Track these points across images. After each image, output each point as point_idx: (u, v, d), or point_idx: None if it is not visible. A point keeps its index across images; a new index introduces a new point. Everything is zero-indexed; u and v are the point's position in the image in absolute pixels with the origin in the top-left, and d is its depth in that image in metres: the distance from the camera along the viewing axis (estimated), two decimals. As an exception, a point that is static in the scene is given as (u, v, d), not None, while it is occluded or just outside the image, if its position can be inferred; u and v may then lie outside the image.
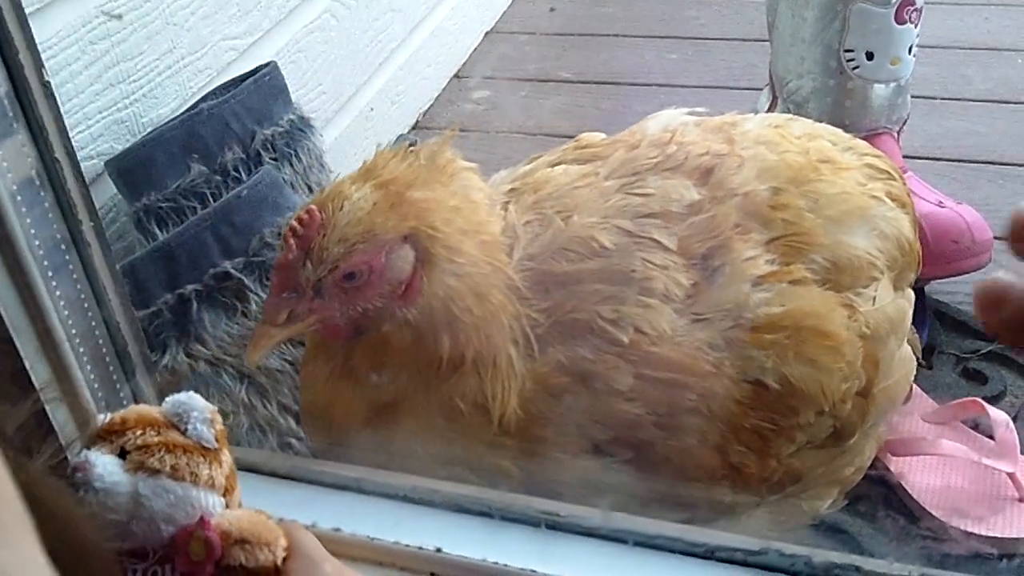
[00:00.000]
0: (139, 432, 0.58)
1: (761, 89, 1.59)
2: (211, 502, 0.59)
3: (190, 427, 0.59)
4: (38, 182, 0.59)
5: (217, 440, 0.60)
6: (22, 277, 0.58)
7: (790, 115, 1.09)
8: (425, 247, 0.75)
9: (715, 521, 0.83)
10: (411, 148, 0.81)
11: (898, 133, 1.43)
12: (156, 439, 0.58)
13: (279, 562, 0.58)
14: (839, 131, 1.03)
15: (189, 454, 0.58)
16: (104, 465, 0.57)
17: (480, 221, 0.80)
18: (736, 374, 0.80)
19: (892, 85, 1.39)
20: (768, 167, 0.90)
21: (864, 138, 1.36)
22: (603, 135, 0.96)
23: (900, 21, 1.34)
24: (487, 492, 0.69)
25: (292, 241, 0.72)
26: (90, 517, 0.56)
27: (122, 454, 0.58)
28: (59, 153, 0.59)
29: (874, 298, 0.90)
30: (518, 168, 0.95)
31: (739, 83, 1.91)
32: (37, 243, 0.59)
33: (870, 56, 1.36)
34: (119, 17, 1.19)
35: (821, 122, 1.22)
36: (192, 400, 0.61)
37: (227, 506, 0.60)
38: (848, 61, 1.37)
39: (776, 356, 0.81)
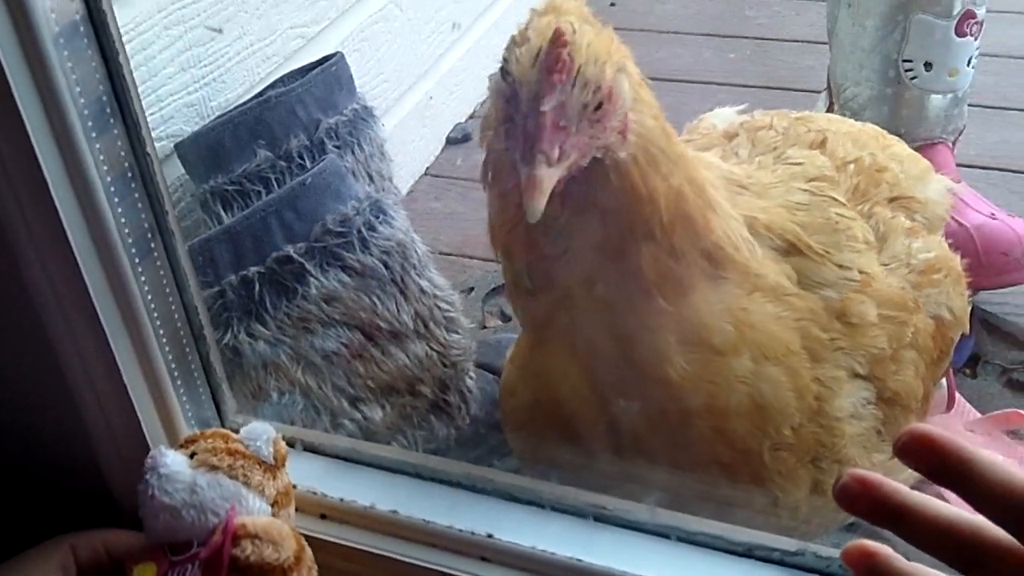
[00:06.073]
0: (211, 441, 0.68)
1: (818, 92, 1.59)
2: (256, 505, 0.67)
3: (252, 444, 0.68)
4: (130, 175, 0.62)
5: (276, 459, 0.69)
6: (112, 264, 0.62)
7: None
8: (630, 82, 0.72)
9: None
10: None
11: (953, 143, 1.44)
12: (223, 446, 0.68)
13: (285, 563, 0.65)
14: None
15: (247, 460, 0.67)
16: (172, 457, 0.66)
17: None
18: (924, 311, 0.89)
19: (949, 96, 1.39)
20: (855, 137, 0.98)
21: (919, 147, 1.37)
22: None
23: (960, 34, 1.34)
24: (539, 483, 0.72)
25: (564, 60, 0.65)
26: None
27: (192, 456, 0.67)
28: (149, 148, 0.63)
29: None
30: None
31: (796, 85, 1.91)
32: (127, 231, 0.63)
33: (928, 67, 1.37)
34: (219, 31, 1.24)
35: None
36: (261, 427, 0.71)
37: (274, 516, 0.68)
38: (906, 71, 1.38)
39: (943, 292, 0.92)
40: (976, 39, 1.37)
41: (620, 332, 0.76)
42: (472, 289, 1.51)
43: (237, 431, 0.71)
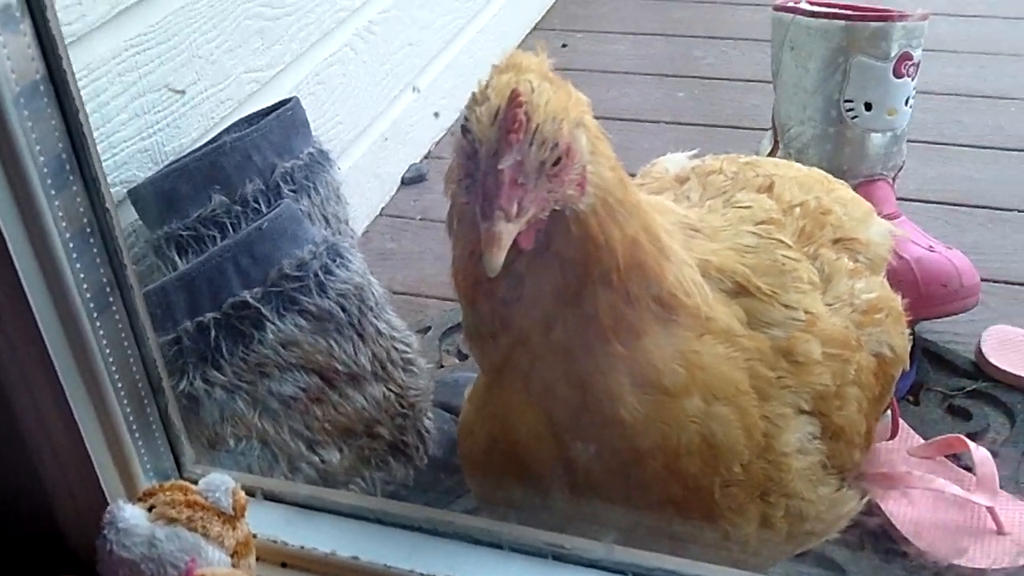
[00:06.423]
0: (169, 494, 0.69)
1: (764, 131, 1.64)
2: (215, 556, 0.67)
3: (211, 495, 0.69)
4: (88, 230, 0.63)
5: (235, 510, 0.69)
6: (70, 318, 0.63)
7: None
8: (588, 136, 0.74)
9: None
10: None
11: (893, 179, 1.48)
12: (182, 498, 0.68)
13: None
14: None
15: (206, 512, 0.68)
16: (130, 511, 0.67)
17: None
18: (866, 349, 0.93)
19: (889, 134, 1.44)
20: (801, 181, 1.02)
21: (860, 184, 1.42)
22: None
23: (898, 75, 1.39)
24: (497, 524, 0.73)
25: (520, 121, 0.67)
26: None
27: (151, 510, 0.68)
28: (108, 203, 0.63)
29: None
30: None
31: (743, 123, 1.96)
32: (85, 287, 0.63)
33: (868, 107, 1.42)
34: (182, 92, 1.24)
35: (820, 168, 1.28)
36: (220, 477, 0.71)
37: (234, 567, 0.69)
38: (847, 111, 1.42)
39: (884, 331, 0.95)
40: (913, 79, 1.43)
41: (575, 375, 0.78)
42: (429, 328, 1.52)
43: (196, 481, 0.71)
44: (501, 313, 0.78)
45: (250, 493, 0.75)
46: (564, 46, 2.28)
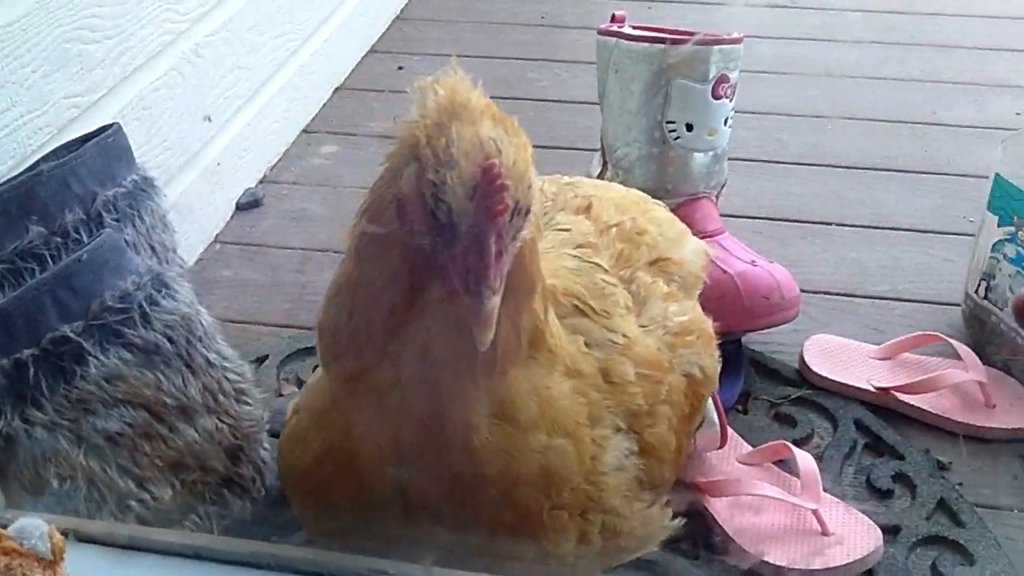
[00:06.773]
0: None
1: (595, 151, 1.69)
2: None
3: (27, 541, 0.67)
4: None
5: (54, 554, 0.67)
6: None
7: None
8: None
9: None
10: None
11: (716, 197, 1.55)
12: None
13: None
14: None
15: (24, 559, 0.65)
16: None
17: None
18: (677, 370, 0.96)
19: (710, 154, 1.50)
20: (618, 202, 1.05)
21: (685, 202, 1.48)
22: None
23: (716, 96, 1.46)
24: (321, 554, 0.73)
25: (505, 203, 0.66)
26: None
27: None
28: None
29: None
30: None
31: (575, 144, 2.01)
32: None
33: (690, 127, 1.48)
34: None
35: (646, 187, 1.33)
36: (32, 521, 0.68)
37: None
38: (670, 132, 1.48)
39: (695, 353, 0.99)
40: (731, 100, 1.50)
41: (440, 397, 0.78)
42: (267, 357, 1.50)
43: (6, 527, 0.68)
44: (402, 334, 0.76)
45: (62, 535, 0.72)
46: (400, 68, 2.29)
